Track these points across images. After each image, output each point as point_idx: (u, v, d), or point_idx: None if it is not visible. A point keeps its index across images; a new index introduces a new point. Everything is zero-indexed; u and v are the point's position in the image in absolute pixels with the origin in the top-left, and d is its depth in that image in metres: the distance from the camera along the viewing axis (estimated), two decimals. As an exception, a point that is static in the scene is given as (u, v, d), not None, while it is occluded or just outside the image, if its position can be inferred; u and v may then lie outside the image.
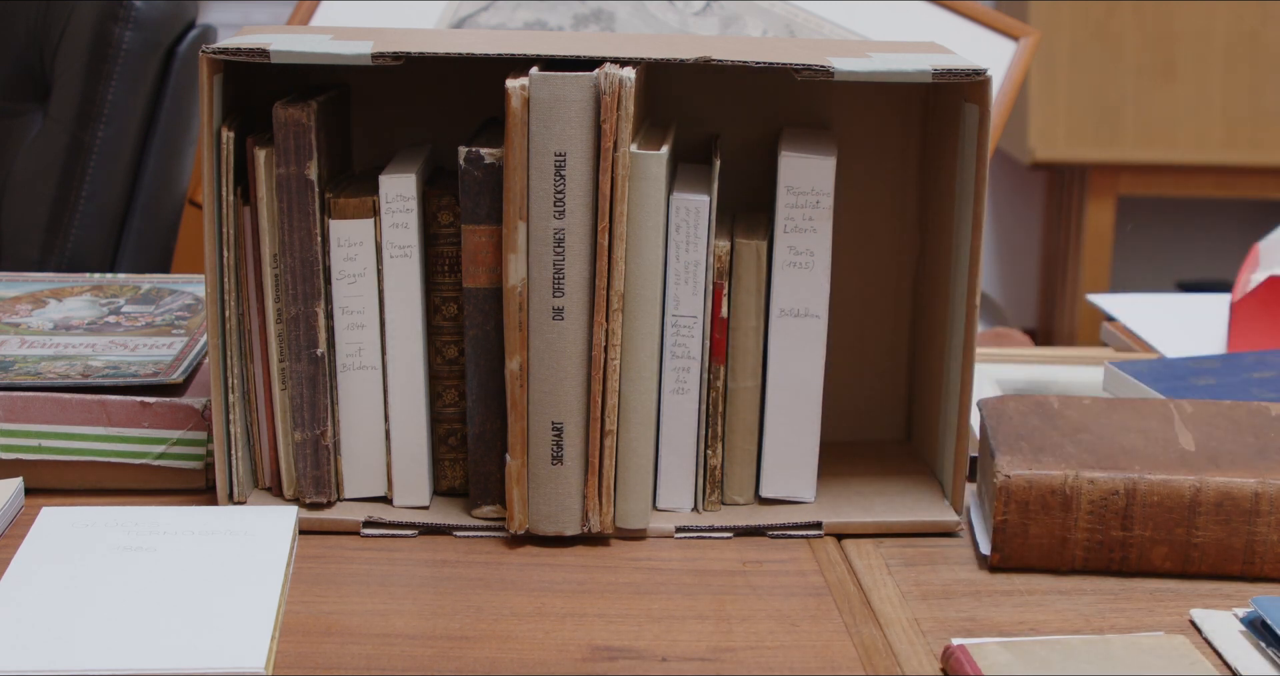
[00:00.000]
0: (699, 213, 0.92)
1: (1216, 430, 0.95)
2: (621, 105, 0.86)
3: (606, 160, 0.87)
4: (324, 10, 2.35)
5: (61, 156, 1.74)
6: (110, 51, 1.73)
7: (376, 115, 1.04)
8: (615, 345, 0.90)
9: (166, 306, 1.17)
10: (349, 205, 0.91)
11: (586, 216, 0.88)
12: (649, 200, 0.90)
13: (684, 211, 0.92)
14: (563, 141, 0.87)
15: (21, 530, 0.90)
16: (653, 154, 0.89)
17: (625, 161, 0.87)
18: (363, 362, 0.93)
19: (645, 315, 0.92)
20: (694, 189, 0.93)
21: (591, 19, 2.31)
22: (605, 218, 0.88)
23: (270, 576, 0.84)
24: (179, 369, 1.02)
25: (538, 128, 0.87)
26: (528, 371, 0.90)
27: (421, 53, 0.89)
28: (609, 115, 0.87)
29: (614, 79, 0.86)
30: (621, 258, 0.89)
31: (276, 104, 0.89)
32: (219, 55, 0.88)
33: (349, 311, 0.93)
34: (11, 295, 1.20)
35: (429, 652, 0.80)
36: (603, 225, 0.88)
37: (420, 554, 0.92)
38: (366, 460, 0.95)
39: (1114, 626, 0.84)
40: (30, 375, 1.01)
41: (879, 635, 0.83)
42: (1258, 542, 0.89)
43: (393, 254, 0.92)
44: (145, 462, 0.98)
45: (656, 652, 0.81)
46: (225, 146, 0.90)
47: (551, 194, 0.88)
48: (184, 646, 0.77)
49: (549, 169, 0.87)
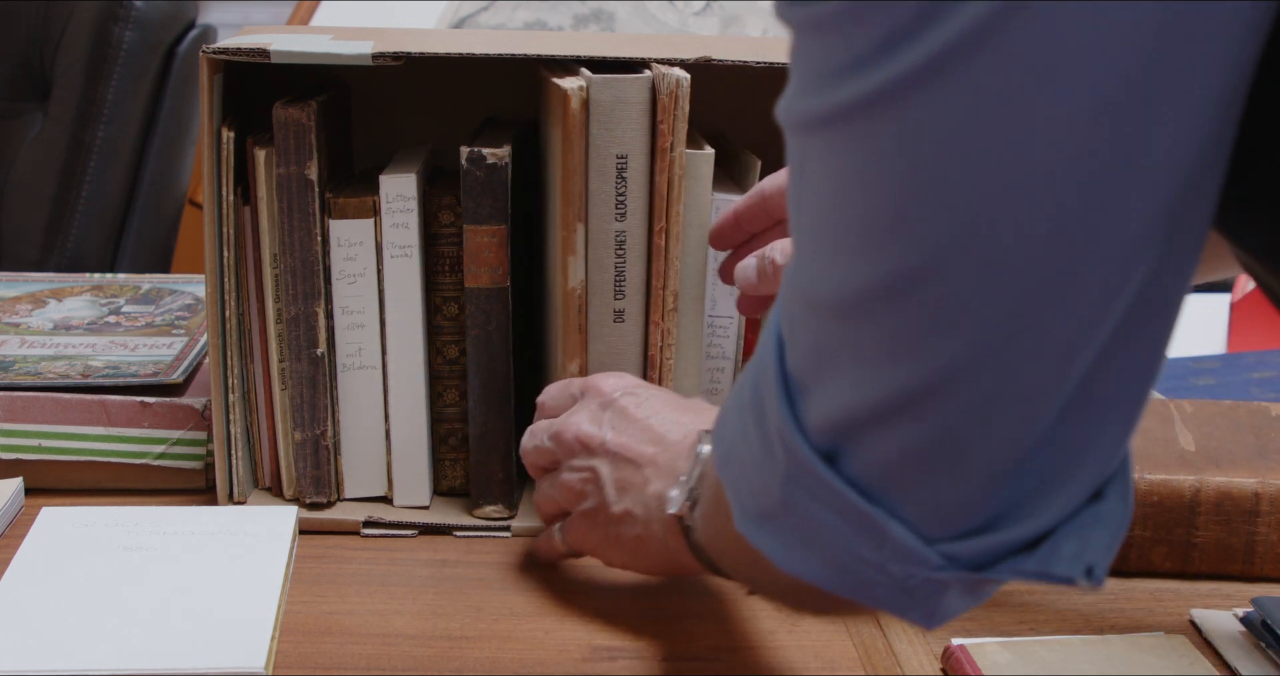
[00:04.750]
0: None
1: (1216, 430, 0.95)
2: (679, 105, 0.87)
3: (664, 160, 0.87)
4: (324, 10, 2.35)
5: (61, 156, 1.74)
6: (110, 51, 1.73)
7: (376, 115, 1.04)
8: (671, 345, 0.91)
9: (166, 306, 1.17)
10: (349, 205, 0.91)
11: (644, 217, 0.89)
12: (698, 200, 0.90)
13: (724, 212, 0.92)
14: (624, 143, 0.87)
15: (21, 530, 0.90)
16: (702, 153, 0.89)
17: (681, 162, 0.88)
18: (363, 362, 0.93)
19: (691, 315, 0.92)
20: (730, 189, 0.93)
21: (591, 19, 2.31)
22: (662, 218, 0.88)
23: (270, 576, 0.84)
24: (179, 369, 1.02)
25: (598, 130, 0.87)
26: (586, 374, 0.90)
27: (421, 53, 0.89)
28: (666, 115, 0.87)
29: (671, 79, 0.86)
30: (677, 257, 0.89)
31: (276, 104, 0.89)
32: (219, 55, 0.88)
33: (349, 311, 0.93)
34: (11, 295, 1.20)
35: (429, 652, 0.80)
36: (659, 225, 0.88)
37: (420, 554, 0.92)
38: (366, 460, 0.95)
39: (1114, 626, 0.84)
40: (30, 375, 1.01)
41: (879, 635, 0.83)
42: (1258, 542, 0.89)
43: (393, 254, 0.92)
44: (145, 462, 0.98)
45: (656, 652, 0.81)
46: (225, 146, 0.90)
47: (614, 196, 0.88)
48: (184, 646, 0.77)
49: (611, 171, 0.87)
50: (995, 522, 0.52)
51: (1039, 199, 0.45)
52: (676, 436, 0.78)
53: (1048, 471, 0.51)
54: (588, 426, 0.81)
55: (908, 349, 0.49)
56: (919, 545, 0.52)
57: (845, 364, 0.51)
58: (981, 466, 0.50)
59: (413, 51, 0.89)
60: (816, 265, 0.51)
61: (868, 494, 0.53)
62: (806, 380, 0.54)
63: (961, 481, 0.51)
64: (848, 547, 0.54)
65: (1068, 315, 0.47)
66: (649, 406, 0.81)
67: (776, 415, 0.55)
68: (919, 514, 0.52)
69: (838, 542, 0.54)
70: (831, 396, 0.52)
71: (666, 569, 0.79)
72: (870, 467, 0.52)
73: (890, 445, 0.51)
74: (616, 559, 0.82)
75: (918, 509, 0.52)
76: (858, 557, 0.54)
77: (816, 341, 0.52)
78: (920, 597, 0.54)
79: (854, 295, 0.49)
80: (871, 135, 0.46)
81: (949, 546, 0.52)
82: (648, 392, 0.82)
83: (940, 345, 0.48)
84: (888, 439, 0.51)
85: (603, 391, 0.82)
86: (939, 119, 0.45)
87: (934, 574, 0.53)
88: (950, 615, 0.56)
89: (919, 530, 0.52)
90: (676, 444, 0.77)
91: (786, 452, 0.55)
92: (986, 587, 0.55)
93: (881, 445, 0.51)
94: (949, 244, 0.46)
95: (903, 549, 0.53)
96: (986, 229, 0.45)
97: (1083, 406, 0.50)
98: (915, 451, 0.51)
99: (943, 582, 0.53)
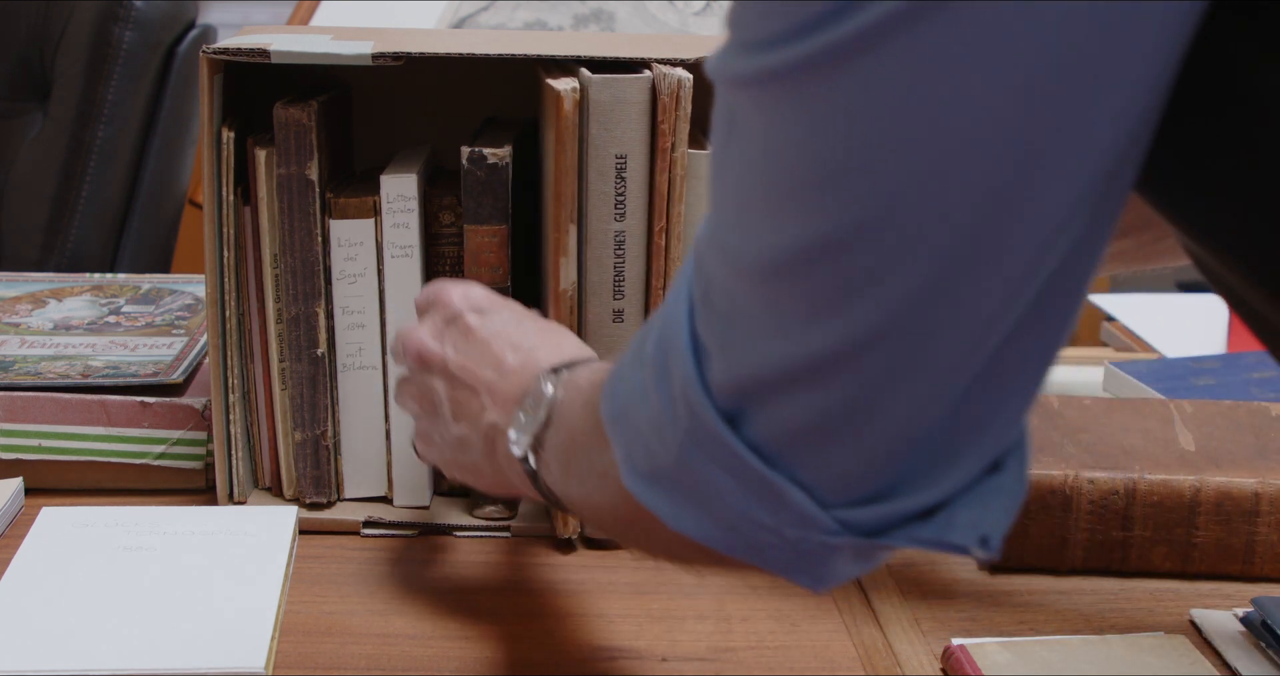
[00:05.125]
0: None
1: (1216, 430, 0.95)
2: (680, 105, 0.87)
3: (664, 160, 0.87)
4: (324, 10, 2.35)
5: (61, 156, 1.74)
6: (110, 51, 1.73)
7: (376, 115, 1.04)
8: None
9: (166, 306, 1.17)
10: (349, 205, 0.91)
11: (643, 217, 0.89)
12: (701, 200, 0.90)
13: None
14: (623, 144, 0.87)
15: (21, 530, 0.90)
16: (705, 153, 0.89)
17: (684, 162, 0.88)
18: (363, 363, 0.93)
19: None
20: None
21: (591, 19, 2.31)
22: (663, 218, 0.88)
23: (270, 576, 0.84)
24: (179, 369, 1.02)
25: (597, 130, 0.87)
26: None
27: (421, 53, 0.89)
28: (667, 115, 0.86)
29: (673, 79, 0.86)
30: (678, 257, 0.89)
31: (277, 104, 0.89)
32: (219, 55, 0.88)
33: (349, 311, 0.93)
34: (11, 295, 1.20)
35: (429, 652, 0.80)
36: (660, 225, 0.88)
37: (420, 554, 0.92)
38: (367, 460, 0.95)
39: (1114, 626, 0.84)
40: (30, 375, 1.01)
41: (879, 635, 0.83)
42: (1258, 542, 0.89)
43: (394, 254, 0.92)
44: (145, 462, 0.98)
45: (656, 652, 0.81)
46: (225, 146, 0.90)
47: (613, 196, 0.88)
48: (184, 646, 0.77)
49: (610, 171, 0.87)
50: (894, 491, 0.52)
51: (965, 174, 0.45)
52: (515, 363, 0.75)
53: (949, 442, 0.51)
54: (429, 342, 0.79)
55: (823, 315, 0.49)
56: (816, 510, 0.53)
57: (758, 326, 0.51)
58: (885, 435, 0.51)
59: (413, 51, 0.89)
60: (737, 226, 0.51)
61: (768, 458, 0.53)
62: (716, 340, 0.53)
63: (864, 449, 0.51)
64: (743, 510, 0.54)
65: (985, 291, 0.47)
66: (492, 326, 0.78)
67: (682, 374, 0.54)
68: (818, 479, 0.52)
69: (733, 504, 0.54)
70: (740, 358, 0.52)
71: (506, 492, 0.78)
72: (773, 432, 0.52)
73: (795, 410, 0.51)
74: (458, 477, 0.81)
75: (817, 474, 0.52)
76: (752, 520, 0.54)
77: (731, 301, 0.52)
78: (811, 561, 0.55)
79: (773, 258, 0.49)
80: (805, 97, 0.46)
81: (845, 512, 0.53)
82: (494, 309, 0.80)
83: (855, 314, 0.48)
84: (793, 404, 0.51)
85: (450, 303, 0.80)
86: (873, 87, 0.45)
87: (828, 538, 0.53)
88: (840, 579, 0.56)
89: (817, 495, 0.53)
90: (515, 372, 0.75)
91: (689, 412, 0.54)
92: (879, 553, 0.56)
93: (786, 410, 0.51)
94: (872, 212, 0.46)
95: (799, 513, 0.53)
96: (910, 201, 0.46)
97: (989, 380, 0.50)
98: (820, 418, 0.51)
99: (836, 547, 0.54)
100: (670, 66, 0.88)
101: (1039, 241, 0.47)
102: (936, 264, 0.46)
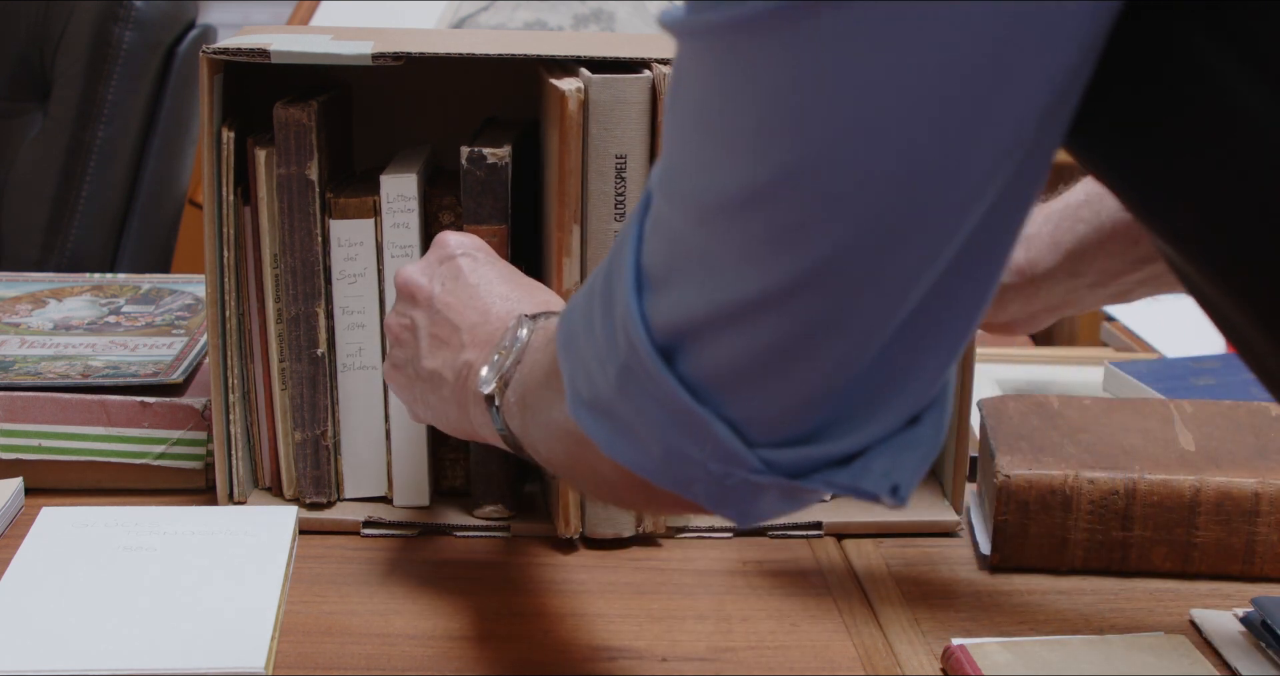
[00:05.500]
0: None
1: (1216, 430, 0.95)
2: None
3: None
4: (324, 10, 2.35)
5: (61, 156, 1.74)
6: (110, 51, 1.73)
7: (376, 115, 1.04)
8: None
9: (166, 306, 1.17)
10: (349, 205, 0.91)
11: None
12: None
13: None
14: (623, 144, 0.87)
15: (21, 530, 0.90)
16: None
17: None
18: (363, 363, 0.93)
19: None
20: None
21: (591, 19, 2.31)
22: None
23: (270, 576, 0.84)
24: (179, 369, 1.02)
25: (598, 131, 0.87)
26: None
27: (421, 53, 0.89)
28: None
29: None
30: None
31: (277, 104, 0.89)
32: (219, 55, 0.88)
33: (349, 311, 0.93)
34: (11, 295, 1.20)
35: (429, 652, 0.80)
36: None
37: (420, 554, 0.92)
38: (367, 460, 0.95)
39: (1114, 626, 0.84)
40: (30, 375, 1.01)
41: (879, 635, 0.83)
42: (1258, 542, 0.89)
43: (394, 254, 0.92)
44: (145, 462, 0.98)
45: (656, 652, 0.81)
46: (225, 146, 0.90)
47: (613, 197, 0.88)
48: (184, 646, 0.77)
49: (610, 172, 0.87)
50: (815, 435, 0.54)
51: (890, 133, 0.47)
52: (500, 310, 0.78)
53: (871, 392, 0.53)
54: (419, 276, 0.81)
55: (756, 259, 0.51)
56: (740, 447, 0.54)
57: (697, 266, 0.53)
58: (810, 380, 0.53)
59: (413, 51, 0.89)
60: (680, 168, 0.53)
61: (698, 393, 0.54)
62: (659, 277, 0.55)
63: (789, 392, 0.53)
64: (672, 443, 0.56)
65: (910, 244, 0.49)
66: (483, 273, 0.80)
67: (623, 305, 0.56)
68: (744, 418, 0.54)
69: (663, 437, 0.56)
70: (679, 296, 0.54)
71: (466, 435, 0.80)
72: (704, 369, 0.54)
73: (726, 350, 0.53)
74: (422, 415, 0.83)
75: (743, 413, 0.54)
76: (680, 453, 0.56)
77: (674, 241, 0.54)
78: (737, 496, 0.57)
79: (714, 200, 0.51)
80: (741, 50, 0.48)
81: (768, 452, 0.55)
82: (488, 259, 0.82)
83: (786, 260, 0.50)
84: (725, 343, 0.53)
85: (446, 245, 0.82)
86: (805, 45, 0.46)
87: (751, 476, 0.55)
88: (765, 516, 0.59)
89: (742, 433, 0.54)
90: (498, 318, 0.77)
91: (628, 343, 0.56)
92: (802, 495, 0.58)
93: (718, 348, 0.53)
94: (799, 165, 0.48)
95: (724, 449, 0.55)
96: (836, 157, 0.47)
97: (913, 332, 0.52)
98: (749, 358, 0.53)
99: (759, 485, 0.56)
100: (670, 66, 0.88)
101: (960, 199, 0.49)
102: (862, 218, 0.48)
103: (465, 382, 0.77)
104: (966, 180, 0.48)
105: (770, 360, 0.52)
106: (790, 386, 0.53)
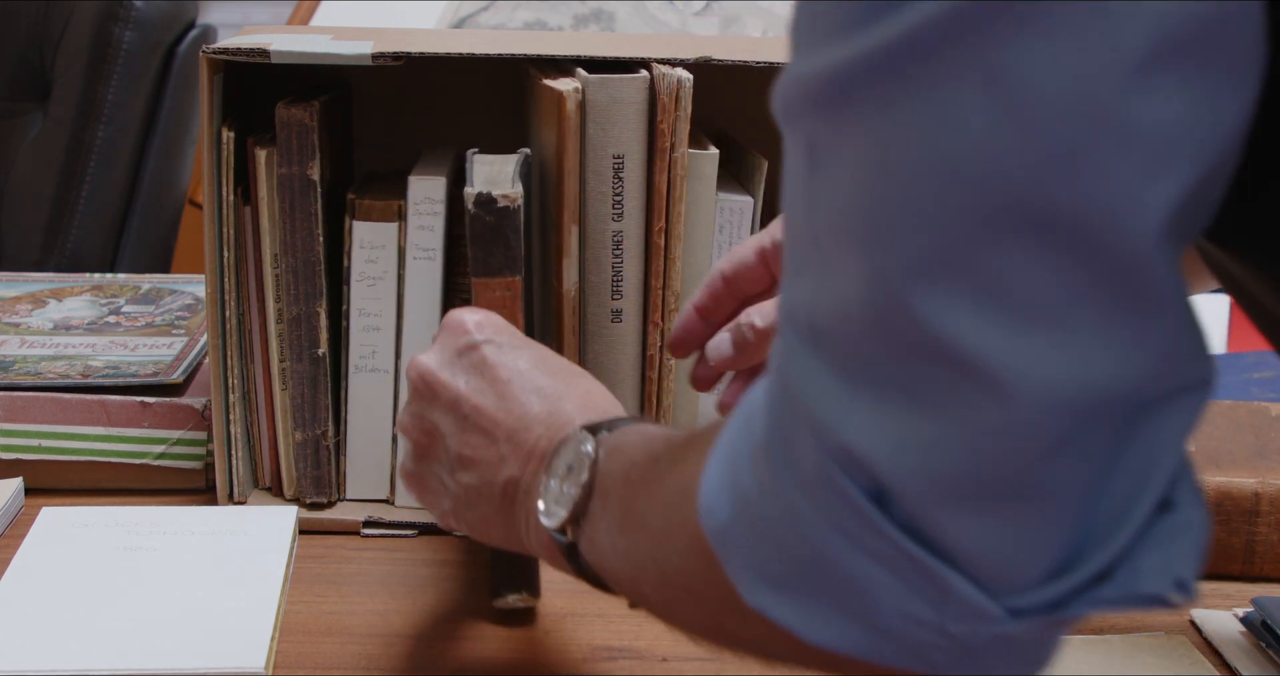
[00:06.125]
0: (743, 214, 0.92)
1: (1216, 430, 0.95)
2: (680, 105, 0.87)
3: (663, 161, 0.87)
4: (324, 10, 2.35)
5: (61, 156, 1.74)
6: (110, 51, 1.73)
7: (376, 115, 1.04)
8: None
9: (166, 306, 1.17)
10: (374, 207, 0.91)
11: (641, 217, 0.88)
12: (702, 200, 0.90)
13: (729, 212, 0.92)
14: (620, 144, 0.87)
15: (21, 530, 0.90)
16: (706, 154, 0.89)
17: (684, 162, 0.88)
18: (375, 365, 0.93)
19: None
20: (735, 190, 0.93)
21: (591, 19, 2.31)
22: (662, 218, 0.88)
23: (270, 576, 0.84)
24: (179, 369, 1.02)
25: (595, 131, 0.87)
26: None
27: (421, 53, 0.89)
28: (666, 116, 0.86)
29: (673, 79, 0.86)
30: (678, 257, 0.89)
31: (279, 104, 0.89)
32: (219, 55, 0.88)
33: (366, 313, 0.92)
34: (11, 295, 1.20)
35: (429, 652, 0.80)
36: (658, 225, 0.88)
37: (420, 554, 0.92)
38: (370, 462, 0.95)
39: (1114, 626, 0.84)
40: (30, 375, 1.01)
41: (879, 635, 0.83)
42: (1258, 542, 0.89)
43: (416, 256, 0.91)
44: (145, 462, 0.98)
45: (656, 652, 0.81)
46: (225, 146, 0.90)
47: (610, 196, 0.88)
48: (184, 646, 0.77)
49: (607, 171, 0.87)
50: (1070, 562, 0.45)
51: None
52: (539, 411, 0.67)
53: (1120, 485, 0.45)
54: (439, 371, 0.69)
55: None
56: (984, 600, 0.45)
57: (890, 383, 0.44)
58: (1054, 493, 0.44)
59: (413, 51, 0.89)
60: (840, 275, 0.45)
61: (922, 540, 0.45)
62: (839, 412, 0.46)
63: (1031, 516, 0.44)
64: (898, 607, 0.46)
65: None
66: (513, 363, 0.69)
67: (816, 453, 0.46)
68: (980, 561, 0.45)
69: (885, 602, 0.46)
70: (876, 426, 0.45)
71: (519, 550, 0.70)
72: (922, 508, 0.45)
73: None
74: (455, 527, 0.72)
75: (979, 555, 0.44)
76: (910, 618, 0.46)
77: (846, 365, 0.45)
78: (985, 657, 0.46)
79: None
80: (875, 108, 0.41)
81: (1017, 599, 0.45)
82: (514, 343, 0.70)
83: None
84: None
85: (465, 330, 0.70)
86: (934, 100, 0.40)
87: (1001, 628, 0.45)
88: (1041, 664, 0.48)
89: (979, 581, 0.45)
90: (539, 421, 0.66)
91: (830, 495, 0.46)
92: (1067, 627, 0.47)
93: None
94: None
95: (966, 606, 0.45)
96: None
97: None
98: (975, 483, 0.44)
99: (1012, 637, 0.46)
100: (670, 66, 0.88)
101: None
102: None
103: (513, 501, 0.67)
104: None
105: (1004, 479, 0.44)
106: (1033, 507, 0.44)
